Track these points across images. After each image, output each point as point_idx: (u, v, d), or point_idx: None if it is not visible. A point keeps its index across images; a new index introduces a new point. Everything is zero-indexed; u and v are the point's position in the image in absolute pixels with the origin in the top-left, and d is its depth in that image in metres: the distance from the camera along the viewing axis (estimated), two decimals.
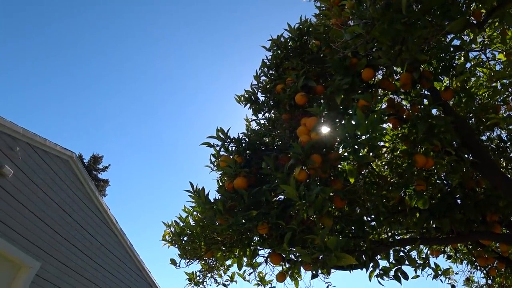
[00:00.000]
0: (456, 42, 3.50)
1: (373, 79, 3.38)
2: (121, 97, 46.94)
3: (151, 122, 49.89)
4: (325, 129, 2.85)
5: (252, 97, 3.74)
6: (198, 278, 4.05)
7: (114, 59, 44.30)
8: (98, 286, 8.58)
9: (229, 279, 4.08)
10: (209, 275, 4.06)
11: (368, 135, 2.59)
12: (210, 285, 4.12)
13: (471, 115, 4.06)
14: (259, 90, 3.72)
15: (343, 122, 2.88)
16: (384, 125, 3.34)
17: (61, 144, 7.50)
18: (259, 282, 3.78)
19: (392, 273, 3.36)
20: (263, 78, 3.72)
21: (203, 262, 3.89)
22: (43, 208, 6.91)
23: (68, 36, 40.93)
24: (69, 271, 7.62)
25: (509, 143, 4.22)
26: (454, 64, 3.49)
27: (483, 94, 4.34)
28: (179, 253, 3.60)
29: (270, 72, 3.68)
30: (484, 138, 4.34)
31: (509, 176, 4.26)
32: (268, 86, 3.58)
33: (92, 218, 8.58)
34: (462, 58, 3.85)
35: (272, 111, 3.70)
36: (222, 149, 3.53)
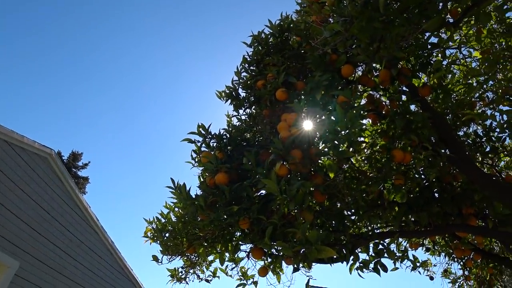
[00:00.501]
0: (434, 40, 3.58)
1: (353, 75, 3.43)
2: (101, 94, 46.24)
3: (132, 119, 49.32)
4: (305, 125, 2.88)
5: (233, 93, 3.75)
6: (180, 274, 4.05)
7: (95, 58, 43.54)
8: (79, 285, 8.48)
9: (212, 274, 4.09)
10: (191, 271, 4.06)
11: (347, 131, 2.63)
12: (192, 281, 4.13)
13: (448, 111, 4.16)
14: (240, 86, 3.73)
15: (323, 118, 2.91)
16: (364, 121, 3.39)
17: (40, 141, 7.37)
18: (241, 277, 3.80)
19: (371, 265, 3.43)
20: (244, 74, 3.73)
21: (185, 258, 3.89)
22: (21, 206, 6.78)
23: (50, 35, 40.03)
24: (49, 269, 7.51)
25: (484, 138, 4.33)
26: (431, 62, 3.57)
27: (460, 91, 4.45)
28: (161, 249, 3.59)
29: (251, 68, 3.69)
30: (460, 133, 4.45)
31: (484, 170, 4.38)
32: (249, 82, 3.59)
33: (72, 216, 8.46)
34: (439, 55, 3.94)
35: (253, 107, 3.72)
36: (203, 145, 3.53)
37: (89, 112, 46.25)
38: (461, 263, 5.29)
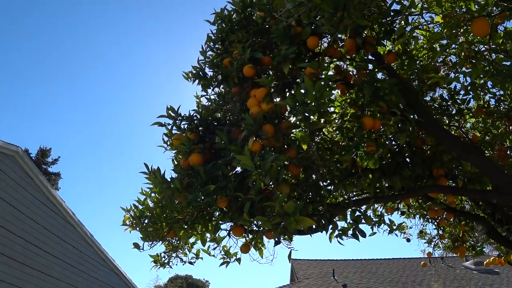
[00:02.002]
0: (396, 7, 3.60)
1: (319, 47, 3.43)
2: (64, 87, 44.78)
3: (99, 109, 48.15)
4: (275, 99, 2.88)
5: (200, 72, 3.69)
6: (163, 259, 4.04)
7: (58, 50, 41.91)
8: (62, 281, 8.37)
9: (195, 256, 4.10)
10: (174, 255, 4.06)
11: (317, 102, 2.64)
12: (176, 264, 4.14)
13: (413, 77, 4.24)
14: (207, 65, 3.68)
15: (292, 91, 2.92)
16: (333, 92, 3.41)
17: (4, 139, 7.11)
18: (224, 256, 3.83)
19: (350, 232, 3.52)
20: (209, 53, 3.67)
21: (166, 242, 3.88)
22: None
23: (8, 24, 38.19)
24: (30, 269, 7.37)
25: (450, 101, 4.45)
26: (395, 28, 3.60)
27: (424, 56, 4.53)
28: (141, 236, 3.57)
29: (216, 46, 3.63)
30: (427, 98, 4.56)
31: (451, 132, 4.52)
32: (215, 61, 3.54)
33: (47, 213, 8.28)
34: (403, 22, 3.98)
35: (221, 86, 3.68)
36: (174, 128, 3.48)
37: (54, 107, 44.85)
38: (435, 223, 5.50)
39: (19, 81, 42.71)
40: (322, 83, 2.63)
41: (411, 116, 3.43)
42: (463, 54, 4.24)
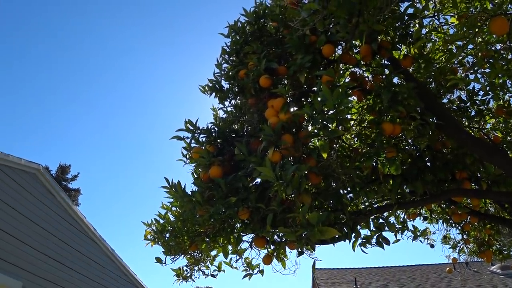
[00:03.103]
0: (410, 10, 3.58)
1: (334, 54, 3.42)
2: (80, 102, 45.58)
3: (117, 125, 48.81)
4: (293, 108, 2.87)
5: (216, 85, 3.71)
6: (185, 272, 4.04)
7: (67, 61, 42.80)
8: None
9: (217, 269, 4.09)
10: (196, 268, 4.05)
11: (335, 110, 2.63)
12: (198, 277, 4.12)
13: (431, 79, 4.19)
14: (223, 78, 3.70)
15: (309, 99, 2.91)
16: (350, 98, 3.39)
17: (25, 157, 7.24)
18: (247, 268, 3.81)
19: (374, 240, 3.46)
20: (225, 65, 3.69)
21: (188, 256, 3.88)
22: (16, 226, 6.68)
23: (21, 43, 39.20)
24: (53, 285, 7.44)
25: (469, 103, 4.37)
26: (410, 32, 3.57)
27: (440, 58, 4.48)
28: (163, 250, 3.57)
29: (231, 58, 3.65)
30: (445, 101, 4.49)
31: (472, 133, 4.44)
32: (230, 73, 3.55)
33: (69, 229, 8.38)
34: (417, 25, 3.94)
35: (238, 97, 3.69)
36: (192, 141, 3.50)
37: (72, 124, 45.64)
38: (459, 227, 5.37)
39: (39, 101, 43.68)
40: (340, 90, 2.61)
41: (430, 119, 3.38)
42: (480, 54, 4.18)
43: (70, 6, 38.28)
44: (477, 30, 3.96)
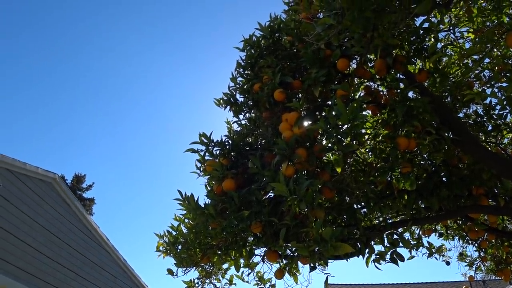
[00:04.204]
0: (425, 25, 3.57)
1: (348, 68, 3.42)
2: (98, 114, 46.25)
3: (132, 135, 49.33)
4: (307, 122, 2.86)
5: (231, 99, 3.74)
6: (196, 285, 4.02)
7: (91, 77, 43.60)
8: None
9: (228, 282, 4.06)
10: (207, 281, 4.03)
11: (350, 124, 2.62)
12: None
13: (446, 94, 4.15)
14: (237, 91, 3.72)
15: (323, 114, 2.90)
16: (364, 112, 3.37)
17: (42, 166, 7.36)
18: (258, 282, 3.78)
19: (388, 256, 3.40)
20: (239, 79, 3.72)
21: (200, 268, 3.86)
22: (31, 234, 6.77)
23: (32, 48, 40.05)
24: None
25: (485, 117, 4.31)
26: (425, 46, 3.55)
27: (456, 72, 4.44)
28: (175, 262, 3.57)
29: (246, 72, 3.68)
30: (461, 115, 4.44)
31: (489, 148, 4.36)
32: (245, 87, 3.58)
33: (82, 238, 8.45)
34: (432, 39, 3.93)
35: (252, 111, 3.71)
36: (206, 154, 3.51)
37: (88, 133, 46.29)
38: (476, 244, 5.25)
39: (54, 110, 44.48)
40: (355, 104, 2.60)
41: (446, 134, 3.33)
42: (497, 68, 4.13)
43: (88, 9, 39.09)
44: (493, 43, 3.93)
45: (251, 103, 3.58)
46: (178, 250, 3.50)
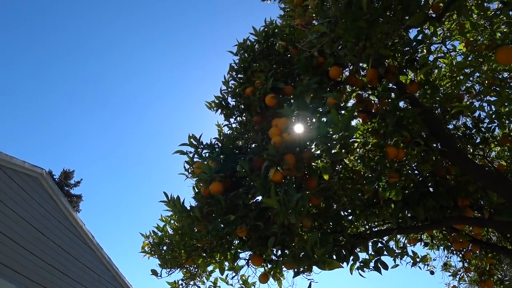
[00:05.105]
0: (418, 36, 3.60)
1: (341, 76, 3.44)
2: (90, 110, 45.88)
3: (122, 134, 48.99)
4: (297, 129, 2.87)
5: (223, 102, 3.73)
6: (181, 286, 4.00)
7: (84, 73, 43.24)
8: None
9: (212, 285, 4.05)
10: (191, 282, 4.02)
11: (341, 133, 2.63)
12: None
13: (436, 105, 4.19)
14: (229, 95, 3.72)
15: (314, 120, 2.91)
16: (355, 121, 3.40)
17: (30, 161, 7.28)
18: (243, 285, 3.77)
19: (372, 264, 3.42)
20: (232, 82, 3.72)
21: (184, 270, 3.85)
22: (15, 228, 6.68)
23: (23, 43, 39.64)
24: None
25: (474, 130, 4.37)
26: (417, 58, 3.59)
27: (447, 85, 4.49)
28: (159, 263, 3.55)
29: (239, 76, 3.68)
30: (450, 127, 4.48)
31: (476, 161, 4.41)
32: (237, 90, 3.58)
33: (67, 235, 8.36)
34: (425, 51, 3.97)
35: (243, 115, 3.71)
36: (195, 156, 3.51)
37: (78, 130, 45.87)
38: (460, 255, 5.30)
39: (44, 104, 44.04)
40: (348, 115, 2.61)
41: (435, 145, 3.36)
42: (486, 82, 4.18)
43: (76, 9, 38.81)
44: (484, 58, 3.99)
45: (242, 107, 3.58)
46: (163, 251, 3.49)
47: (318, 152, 2.87)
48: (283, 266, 3.22)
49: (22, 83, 41.19)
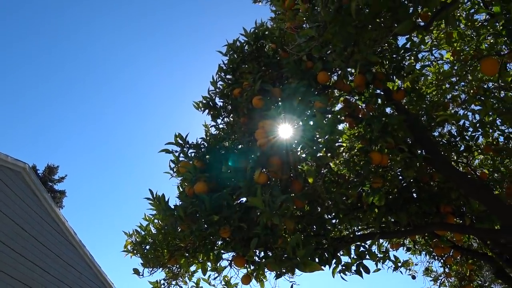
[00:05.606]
0: (407, 44, 3.65)
1: (329, 81, 3.46)
2: (76, 106, 45.31)
3: (109, 131, 48.46)
4: (283, 132, 2.88)
5: (210, 102, 3.73)
6: (163, 286, 3.98)
7: (71, 67, 42.65)
8: None
9: (195, 285, 4.03)
10: (173, 282, 4.00)
11: (326, 137, 2.64)
12: None
13: (422, 112, 4.25)
14: (217, 95, 3.72)
15: (300, 124, 2.93)
16: (341, 125, 3.42)
17: (14, 155, 7.16)
18: (225, 286, 3.76)
19: (354, 268, 3.44)
20: (220, 83, 3.71)
21: (167, 269, 3.83)
22: None
23: (11, 35, 38.98)
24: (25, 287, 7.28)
25: (458, 138, 4.43)
26: (404, 65, 3.63)
27: (433, 93, 4.55)
28: (142, 262, 3.53)
29: (227, 76, 3.68)
30: (435, 134, 4.55)
31: (460, 169, 4.48)
32: (225, 91, 3.58)
33: (49, 231, 8.23)
34: (412, 59, 4.02)
35: (231, 115, 3.71)
36: (181, 155, 3.49)
37: (64, 125, 45.23)
38: (442, 260, 5.38)
39: (31, 98, 43.38)
40: (334, 119, 2.63)
41: (419, 152, 3.40)
42: (472, 91, 4.25)
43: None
44: (470, 68, 4.05)
45: (229, 108, 3.58)
46: (145, 250, 3.46)
47: (304, 155, 2.88)
48: (265, 268, 3.23)
49: (7, 77, 40.52)
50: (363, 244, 3.61)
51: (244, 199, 3.16)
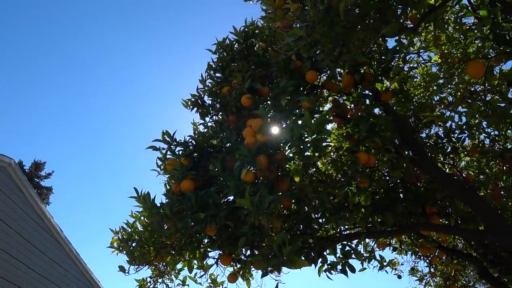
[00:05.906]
0: (396, 46, 3.67)
1: (318, 80, 3.47)
2: (63, 101, 44.80)
3: (97, 128, 48.00)
4: (271, 130, 2.88)
5: (199, 100, 3.71)
6: (149, 284, 3.96)
7: (57, 61, 42.13)
8: None
9: (181, 283, 4.02)
10: (160, 280, 3.98)
11: (314, 136, 2.65)
12: None
13: (409, 113, 4.28)
14: (206, 93, 3.70)
15: (288, 122, 2.93)
16: (329, 125, 3.43)
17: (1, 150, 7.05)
18: (211, 284, 3.76)
19: (339, 267, 3.46)
20: (209, 81, 3.70)
21: (153, 267, 3.81)
22: None
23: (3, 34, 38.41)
24: (11, 285, 7.18)
25: (445, 139, 4.48)
26: (392, 66, 3.66)
27: (420, 94, 4.59)
28: (127, 259, 3.50)
29: (216, 74, 3.67)
30: (422, 135, 4.59)
31: (446, 170, 4.53)
32: (214, 89, 3.57)
33: (35, 228, 8.13)
34: (400, 60, 4.05)
35: (219, 114, 3.70)
36: (168, 153, 3.48)
37: (52, 120, 44.69)
38: (427, 260, 5.44)
39: (19, 95, 42.79)
40: (322, 118, 2.64)
41: (406, 153, 3.43)
42: (459, 94, 4.30)
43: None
44: (457, 71, 4.10)
45: (218, 106, 3.57)
46: (132, 248, 3.44)
47: (291, 154, 2.89)
48: (251, 266, 3.23)
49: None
50: (349, 243, 3.63)
51: (231, 198, 3.16)
